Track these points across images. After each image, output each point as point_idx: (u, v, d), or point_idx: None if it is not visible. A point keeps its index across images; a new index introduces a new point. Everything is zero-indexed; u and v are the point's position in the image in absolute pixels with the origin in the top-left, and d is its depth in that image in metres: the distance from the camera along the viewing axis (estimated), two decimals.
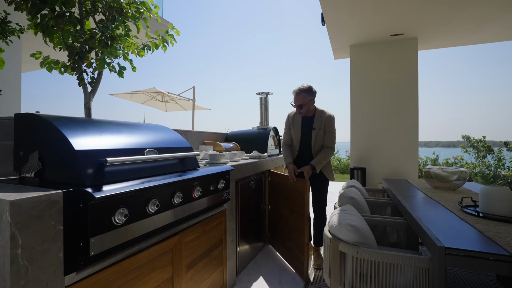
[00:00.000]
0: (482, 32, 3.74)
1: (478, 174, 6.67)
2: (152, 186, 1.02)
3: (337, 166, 9.53)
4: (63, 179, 0.90)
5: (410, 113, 3.99)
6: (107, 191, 0.85)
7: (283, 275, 2.12)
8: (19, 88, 3.92)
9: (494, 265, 0.93)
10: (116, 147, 1.03)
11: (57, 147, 0.91)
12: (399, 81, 4.05)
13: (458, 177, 2.07)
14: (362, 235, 1.25)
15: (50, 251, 0.76)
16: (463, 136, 7.55)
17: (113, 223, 0.88)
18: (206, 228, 1.54)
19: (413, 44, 3.95)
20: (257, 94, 3.10)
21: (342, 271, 1.25)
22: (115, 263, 0.95)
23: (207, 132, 2.81)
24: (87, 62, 1.74)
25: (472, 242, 1.03)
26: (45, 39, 1.65)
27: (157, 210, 1.06)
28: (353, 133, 4.35)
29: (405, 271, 1.14)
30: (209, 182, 1.46)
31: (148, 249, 1.10)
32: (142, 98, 6.88)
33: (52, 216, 0.76)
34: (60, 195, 0.78)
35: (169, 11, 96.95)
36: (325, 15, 3.29)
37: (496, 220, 1.28)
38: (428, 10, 3.15)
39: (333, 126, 2.26)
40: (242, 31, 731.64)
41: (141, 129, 1.34)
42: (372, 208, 2.24)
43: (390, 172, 4.13)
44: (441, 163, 7.72)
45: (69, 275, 0.81)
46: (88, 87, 1.70)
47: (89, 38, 1.66)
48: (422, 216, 1.39)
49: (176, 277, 1.27)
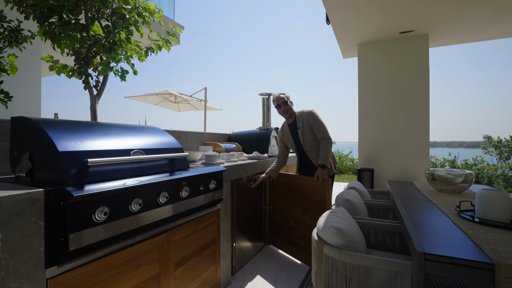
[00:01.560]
0: (500, 27, 3.54)
1: (500, 177, 6.30)
2: (134, 185, 1.07)
3: (350, 167, 9.34)
4: (49, 178, 0.96)
5: (420, 113, 3.85)
6: (87, 190, 0.90)
7: (280, 276, 2.12)
8: (39, 91, 4.15)
9: (476, 273, 0.89)
10: (101, 149, 1.08)
11: (44, 149, 0.97)
12: (409, 79, 3.91)
13: (464, 180, 1.98)
14: (347, 238, 1.23)
15: (31, 245, 0.81)
16: (484, 136, 7.16)
17: (94, 221, 0.93)
18: (197, 227, 1.57)
19: (424, 41, 3.81)
20: (260, 95, 3.11)
21: (326, 274, 1.24)
22: (98, 258, 1.00)
23: (209, 133, 2.86)
24: (92, 66, 1.82)
25: (457, 249, 0.99)
26: (53, 45, 1.75)
27: (140, 209, 1.10)
28: (361, 134, 4.26)
29: (389, 276, 1.12)
30: (199, 182, 1.50)
31: (133, 246, 1.14)
32: (155, 100, 7.08)
33: (33, 213, 0.82)
34: (41, 193, 0.84)
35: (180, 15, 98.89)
36: (329, 14, 3.24)
37: (492, 225, 1.22)
38: (439, 4, 3.02)
39: (316, 118, 2.28)
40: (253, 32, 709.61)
41: (132, 131, 1.39)
42: (373, 210, 2.19)
43: (399, 173, 4.01)
44: (459, 164, 7.37)
45: (50, 268, 0.86)
46: (94, 91, 1.79)
47: (93, 43, 1.74)
48: (413, 220, 1.34)
49: (164, 274, 1.31)
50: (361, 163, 4.30)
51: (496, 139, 6.84)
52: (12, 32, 1.71)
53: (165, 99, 7.06)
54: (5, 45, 1.70)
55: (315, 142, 2.30)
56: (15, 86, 3.49)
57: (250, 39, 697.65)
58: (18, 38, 1.77)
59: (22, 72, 3.57)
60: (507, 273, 0.83)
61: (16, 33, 1.76)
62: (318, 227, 1.35)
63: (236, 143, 2.95)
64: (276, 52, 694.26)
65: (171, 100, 7.20)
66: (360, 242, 1.31)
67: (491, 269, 0.87)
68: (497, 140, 6.76)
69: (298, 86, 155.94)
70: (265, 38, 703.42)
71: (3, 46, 1.69)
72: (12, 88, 3.63)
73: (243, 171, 2.12)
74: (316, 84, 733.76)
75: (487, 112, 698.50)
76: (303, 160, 2.43)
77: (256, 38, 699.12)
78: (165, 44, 1.94)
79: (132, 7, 1.85)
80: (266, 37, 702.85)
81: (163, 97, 6.91)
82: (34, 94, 4.01)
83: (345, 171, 9.28)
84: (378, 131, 4.14)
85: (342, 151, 10.23)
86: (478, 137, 7.87)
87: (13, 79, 3.38)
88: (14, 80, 3.42)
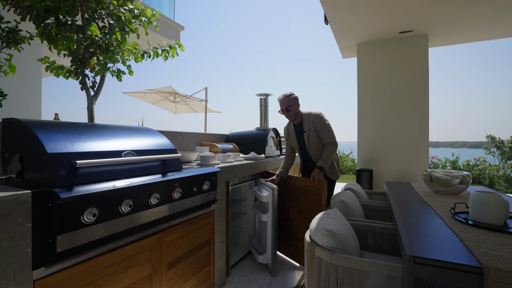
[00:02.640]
0: (501, 26, 3.51)
1: (501, 177, 6.25)
2: (124, 187, 1.07)
3: (350, 167, 9.31)
4: (38, 179, 0.97)
5: (420, 113, 3.83)
6: (75, 192, 0.90)
7: (275, 277, 2.11)
8: (40, 92, 4.17)
9: (465, 277, 0.88)
10: (91, 150, 1.08)
11: (33, 150, 0.98)
12: (409, 80, 3.89)
13: (461, 181, 1.97)
14: (339, 240, 1.22)
15: (18, 247, 0.82)
16: (487, 136, 7.11)
17: (82, 222, 0.93)
18: (190, 228, 1.57)
19: (424, 41, 3.78)
20: (257, 95, 3.11)
21: (317, 276, 1.24)
22: (88, 260, 1.01)
23: (206, 134, 2.86)
24: (89, 67, 1.83)
25: (447, 252, 0.98)
26: (49, 46, 1.76)
27: (130, 210, 1.10)
28: (360, 134, 4.24)
29: (379, 279, 1.11)
30: (192, 183, 1.50)
31: (124, 247, 1.14)
32: (154, 98, 7.01)
33: (20, 215, 0.82)
34: (28, 195, 0.84)
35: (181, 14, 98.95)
36: (327, 14, 3.23)
37: (485, 228, 1.21)
38: (439, 4, 3.00)
39: (323, 122, 2.22)
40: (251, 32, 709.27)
41: (125, 132, 1.39)
42: (370, 212, 2.18)
43: (398, 174, 3.99)
44: (461, 165, 7.32)
45: (38, 269, 0.86)
46: (91, 91, 1.80)
47: (90, 44, 1.74)
48: (407, 222, 1.33)
49: (156, 275, 1.31)
50: (360, 164, 4.28)
51: (498, 139, 6.79)
52: (9, 33, 1.72)
53: (164, 98, 7.00)
54: (3, 46, 1.72)
55: (321, 146, 2.26)
56: (15, 86, 3.51)
57: (248, 39, 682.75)
58: (16, 39, 1.78)
59: (22, 73, 3.59)
60: (496, 277, 0.82)
61: (13, 34, 1.77)
62: (311, 229, 1.34)
63: (234, 144, 2.95)
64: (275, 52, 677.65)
65: (171, 100, 7.15)
66: (353, 244, 1.31)
67: (480, 273, 0.86)
68: (499, 140, 6.71)
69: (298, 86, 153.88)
70: (263, 37, 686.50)
71: (1, 46, 1.70)
72: (12, 88, 3.65)
73: (239, 172, 2.11)
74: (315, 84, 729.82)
75: (491, 112, 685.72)
76: (306, 161, 2.41)
77: (254, 38, 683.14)
78: (164, 54, 1.94)
79: (128, 9, 1.85)
80: (264, 37, 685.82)
81: (163, 95, 6.86)
82: (34, 94, 4.03)
83: (346, 172, 9.25)
84: (377, 131, 4.12)
85: (342, 151, 10.20)
86: (481, 137, 7.82)
87: (13, 80, 3.40)
88: (15, 80, 3.44)
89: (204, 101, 6.95)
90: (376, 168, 4.13)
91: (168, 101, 7.19)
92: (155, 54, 1.93)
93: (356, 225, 1.65)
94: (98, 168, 1.07)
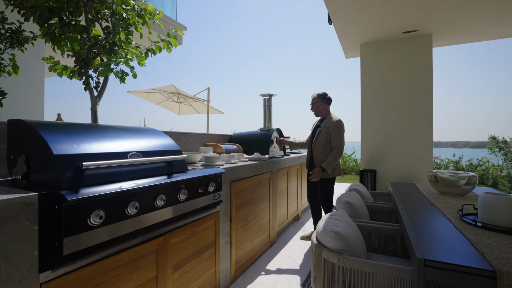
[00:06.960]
0: (505, 26, 3.48)
1: (505, 178, 6.21)
2: (131, 189, 1.06)
3: (353, 168, 9.28)
4: (45, 181, 0.96)
5: (423, 114, 3.80)
6: (82, 194, 0.89)
7: (279, 279, 2.10)
8: (42, 92, 4.17)
9: (477, 281, 0.87)
10: (97, 152, 1.07)
11: (39, 152, 0.97)
12: (412, 80, 3.87)
13: (467, 182, 1.95)
14: (346, 242, 1.21)
15: (25, 249, 0.81)
16: (490, 136, 7.07)
17: (89, 224, 0.92)
18: (196, 229, 1.56)
19: (428, 41, 3.76)
20: (261, 95, 3.09)
21: (325, 278, 1.23)
22: (94, 262, 1.00)
23: (210, 134, 2.85)
24: (93, 67, 1.82)
25: (458, 255, 0.97)
26: (53, 47, 1.75)
27: (137, 212, 1.10)
28: (364, 134, 4.22)
29: (389, 281, 1.10)
30: (197, 184, 1.49)
31: (130, 249, 1.14)
32: (157, 98, 6.99)
33: (27, 217, 0.81)
34: (35, 197, 0.83)
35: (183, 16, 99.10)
36: (331, 14, 3.21)
37: (495, 230, 1.19)
38: (443, 4, 2.98)
39: (337, 128, 2.47)
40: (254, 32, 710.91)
41: (130, 133, 1.39)
42: (375, 213, 2.17)
43: (402, 174, 3.96)
44: (464, 165, 7.28)
45: (45, 272, 0.86)
46: (94, 92, 1.79)
47: (93, 44, 1.74)
48: (414, 224, 1.32)
49: (161, 277, 1.30)
50: (363, 164, 4.26)
51: (501, 139, 6.75)
52: (13, 33, 1.72)
53: (168, 98, 6.99)
54: (7, 46, 1.71)
55: (325, 145, 2.52)
56: (18, 87, 3.51)
57: (250, 39, 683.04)
58: (20, 39, 1.78)
59: (25, 73, 3.59)
60: (509, 281, 0.81)
61: (17, 34, 1.76)
62: (318, 231, 1.33)
63: (237, 144, 2.94)
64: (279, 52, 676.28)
65: (174, 100, 7.14)
66: (360, 246, 1.29)
67: (493, 277, 0.85)
68: (502, 140, 6.67)
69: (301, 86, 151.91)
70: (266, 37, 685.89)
71: (4, 47, 1.70)
72: (15, 89, 3.65)
73: (244, 172, 2.10)
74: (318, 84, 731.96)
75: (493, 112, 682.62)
76: (309, 150, 2.74)
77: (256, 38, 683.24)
78: (167, 46, 1.94)
79: (132, 7, 1.85)
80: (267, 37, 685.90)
81: (167, 95, 6.84)
82: (37, 95, 4.03)
83: (348, 172, 9.22)
84: (380, 131, 4.10)
85: (345, 151, 10.17)
86: (483, 137, 7.80)
87: (16, 80, 3.40)
88: (18, 81, 3.44)
89: (206, 101, 6.94)
90: (380, 169, 4.11)
91: (171, 101, 7.17)
92: (158, 48, 1.92)
93: (362, 226, 1.64)
94: (104, 170, 1.06)
